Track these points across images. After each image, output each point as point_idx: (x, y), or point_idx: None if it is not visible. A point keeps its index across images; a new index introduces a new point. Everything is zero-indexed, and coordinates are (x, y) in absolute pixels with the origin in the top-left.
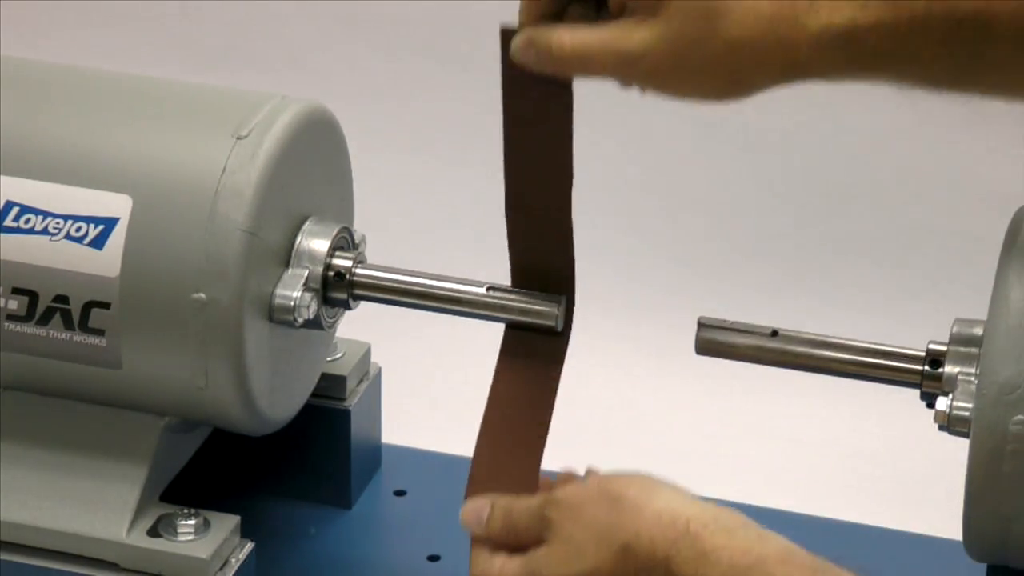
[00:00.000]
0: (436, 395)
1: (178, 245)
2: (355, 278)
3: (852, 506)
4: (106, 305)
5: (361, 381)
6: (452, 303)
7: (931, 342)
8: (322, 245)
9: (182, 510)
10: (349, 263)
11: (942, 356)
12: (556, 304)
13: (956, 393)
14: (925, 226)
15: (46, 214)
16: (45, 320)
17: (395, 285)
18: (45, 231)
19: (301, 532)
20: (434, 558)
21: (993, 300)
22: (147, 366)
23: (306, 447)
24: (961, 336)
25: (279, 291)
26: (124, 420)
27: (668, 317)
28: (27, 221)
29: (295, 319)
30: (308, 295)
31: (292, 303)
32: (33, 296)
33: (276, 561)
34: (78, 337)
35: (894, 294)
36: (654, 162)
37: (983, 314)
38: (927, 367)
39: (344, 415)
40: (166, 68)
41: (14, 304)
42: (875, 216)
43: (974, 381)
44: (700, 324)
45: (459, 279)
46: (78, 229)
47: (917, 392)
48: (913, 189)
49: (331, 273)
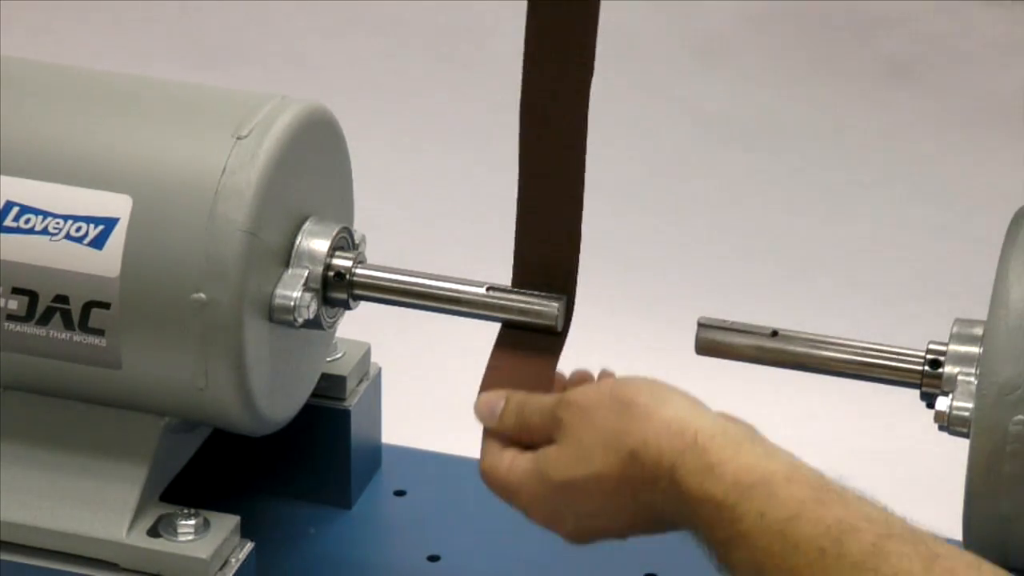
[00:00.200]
0: (436, 395)
1: (178, 245)
2: (355, 278)
3: None
4: (106, 305)
5: (361, 381)
6: (452, 303)
7: (931, 342)
8: (322, 245)
9: (182, 510)
10: (349, 263)
11: (942, 356)
12: (556, 304)
13: (956, 393)
14: (925, 226)
15: (46, 214)
16: (45, 320)
17: (395, 285)
18: (45, 231)
19: (301, 532)
20: (434, 558)
21: (993, 300)
22: (147, 366)
23: (306, 447)
24: (961, 336)
25: (279, 291)
26: (124, 420)
27: (668, 317)
28: (27, 221)
29: (295, 319)
30: (308, 295)
31: (292, 303)
32: (33, 296)
33: (276, 561)
34: (78, 337)
35: (894, 294)
36: (654, 162)
37: (983, 314)
38: (927, 367)
39: (344, 415)
40: (166, 68)
41: (14, 304)
42: (875, 216)
43: (974, 381)
44: (700, 324)
45: (459, 279)
46: (78, 229)
47: (917, 392)
48: (913, 189)
49: (331, 273)
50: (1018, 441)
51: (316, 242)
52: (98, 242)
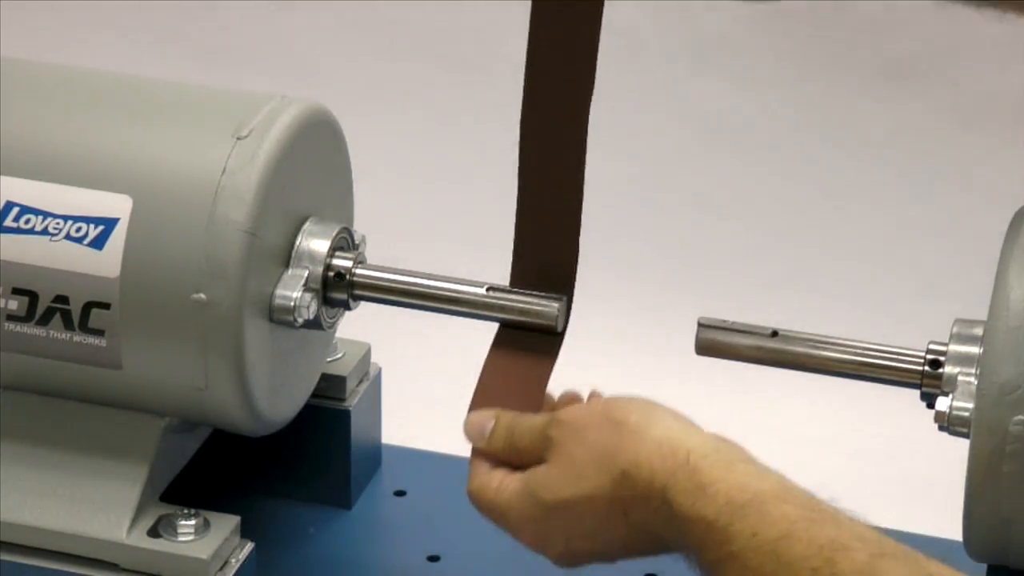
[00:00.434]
0: (436, 395)
1: (178, 245)
2: (355, 278)
3: (852, 506)
4: (106, 305)
5: (361, 381)
6: (452, 303)
7: (931, 342)
8: (322, 245)
9: (182, 510)
10: (349, 263)
11: (942, 356)
12: (556, 304)
13: (956, 393)
14: (925, 226)
15: (46, 214)
16: (45, 320)
17: (395, 285)
18: (45, 231)
19: (301, 532)
20: (434, 558)
21: (993, 300)
22: (147, 366)
23: (306, 447)
24: (961, 336)
25: (279, 291)
26: (124, 420)
27: (668, 317)
28: (27, 221)
29: (295, 319)
30: (308, 295)
31: (292, 303)
32: (33, 296)
33: (276, 561)
34: (78, 337)
35: (894, 294)
36: (654, 162)
37: (983, 314)
38: (927, 367)
39: (344, 415)
40: (166, 68)
41: (14, 304)
42: (875, 216)
43: (974, 381)
44: (700, 324)
45: (459, 279)
46: (78, 229)
47: (917, 392)
48: (913, 189)
49: (331, 273)
50: (1018, 441)
51: (316, 242)
52: (98, 242)
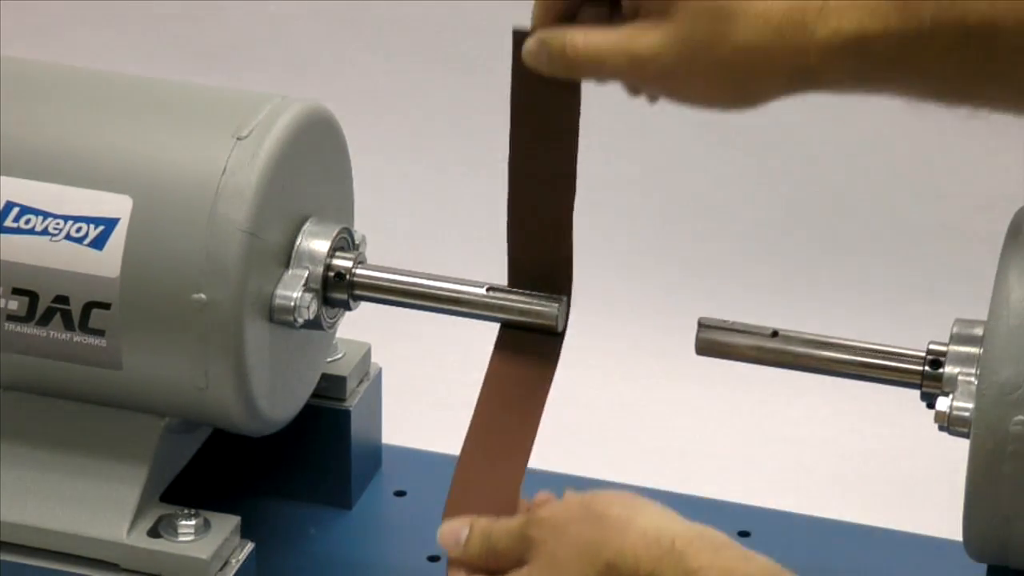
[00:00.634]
0: (436, 395)
1: (178, 246)
2: (355, 278)
3: (852, 506)
4: (106, 306)
5: (361, 381)
6: (452, 303)
7: (931, 342)
8: (322, 245)
9: (182, 510)
10: (349, 263)
11: (942, 356)
12: (556, 304)
13: (956, 393)
14: (925, 226)
15: (46, 214)
16: (45, 320)
17: (395, 285)
18: (45, 231)
19: (301, 533)
20: (434, 558)
21: (993, 300)
22: (147, 367)
23: (306, 448)
24: (961, 336)
25: (279, 292)
26: (124, 421)
27: (668, 317)
28: (27, 221)
29: (295, 320)
30: (308, 295)
31: (292, 303)
32: (33, 296)
33: (276, 562)
34: (78, 338)
35: (894, 294)
36: (654, 162)
37: (983, 314)
38: (927, 367)
39: (344, 415)
40: (166, 68)
41: (14, 304)
42: (875, 216)
43: (974, 381)
44: (700, 324)
45: (459, 279)
46: (78, 230)
47: (917, 392)
48: (913, 189)
49: (331, 273)
50: (1018, 441)
51: (316, 242)
52: (98, 242)
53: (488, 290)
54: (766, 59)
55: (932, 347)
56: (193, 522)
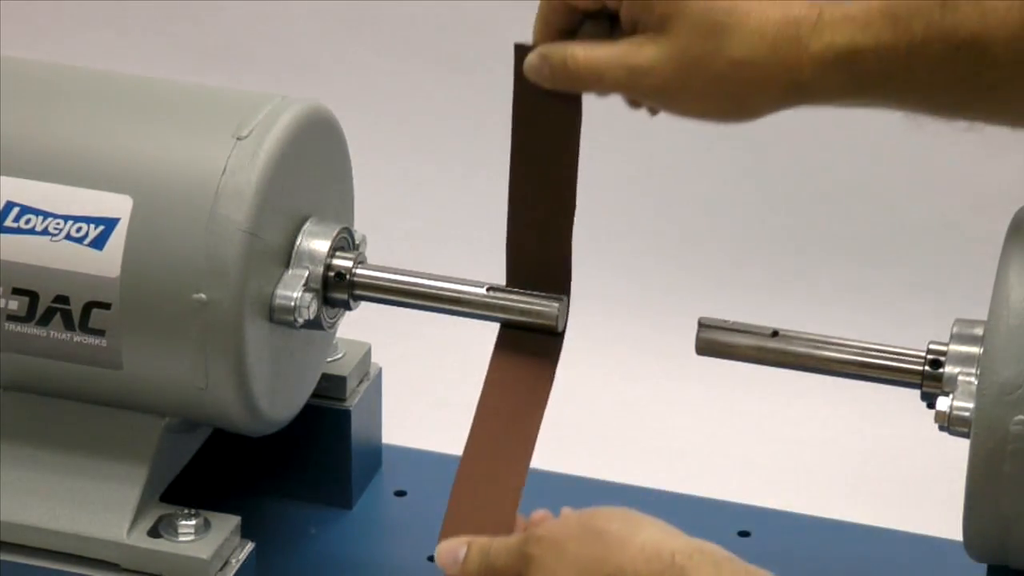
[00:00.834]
0: (436, 395)
1: (178, 245)
2: (355, 278)
3: (852, 506)
4: (106, 305)
5: (361, 381)
6: (452, 303)
7: (931, 342)
8: (322, 245)
9: (182, 510)
10: (349, 263)
11: (942, 356)
12: (557, 304)
13: (956, 393)
14: (925, 226)
15: (46, 214)
16: (45, 320)
17: (395, 285)
18: (45, 231)
19: (301, 532)
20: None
21: (993, 300)
22: (147, 366)
23: (307, 447)
24: (961, 336)
25: (279, 291)
26: (124, 420)
27: (668, 317)
28: (27, 221)
29: (295, 319)
30: (308, 295)
31: (292, 303)
32: (33, 296)
33: (276, 562)
34: (78, 337)
35: (894, 294)
36: (654, 161)
37: (983, 314)
38: (927, 367)
39: (344, 415)
40: (166, 68)
41: (14, 304)
42: (876, 216)
43: (974, 381)
44: (700, 324)
45: (459, 279)
46: (78, 229)
47: (917, 392)
48: (913, 189)
49: (331, 273)
50: (1019, 441)
51: (316, 242)
52: (98, 242)
53: (488, 290)
54: (760, 74)
55: (932, 347)
56: (193, 522)
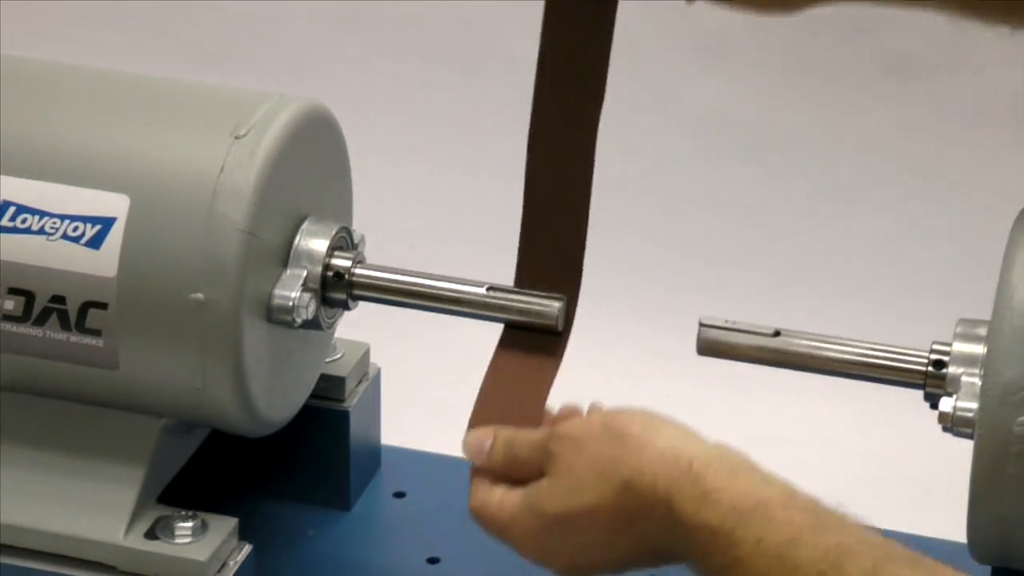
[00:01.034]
0: (436, 396)
1: (176, 245)
2: (354, 278)
3: (854, 507)
4: (103, 305)
5: (360, 382)
6: (452, 303)
7: (935, 342)
8: (321, 245)
9: (180, 512)
10: (348, 263)
11: (946, 357)
12: (557, 304)
13: (960, 394)
14: (929, 226)
15: (43, 214)
16: (42, 320)
17: (394, 285)
18: (42, 231)
19: (300, 534)
20: (434, 560)
21: (997, 300)
22: (145, 367)
23: (305, 448)
24: (965, 336)
25: (277, 291)
26: (121, 421)
27: (669, 317)
28: (24, 221)
29: (294, 319)
30: (307, 295)
31: (291, 303)
32: (29, 296)
33: (274, 563)
34: (75, 338)
35: (897, 294)
36: (655, 161)
37: (987, 314)
38: (931, 368)
39: (343, 416)
40: (164, 66)
41: (10, 304)
42: (878, 215)
43: (978, 382)
44: (701, 324)
45: (459, 279)
46: (75, 229)
47: (921, 393)
48: (917, 188)
49: (330, 273)
50: (1023, 442)
51: (315, 242)
52: (95, 242)
53: (488, 290)
54: None
55: (935, 347)
56: (190, 524)
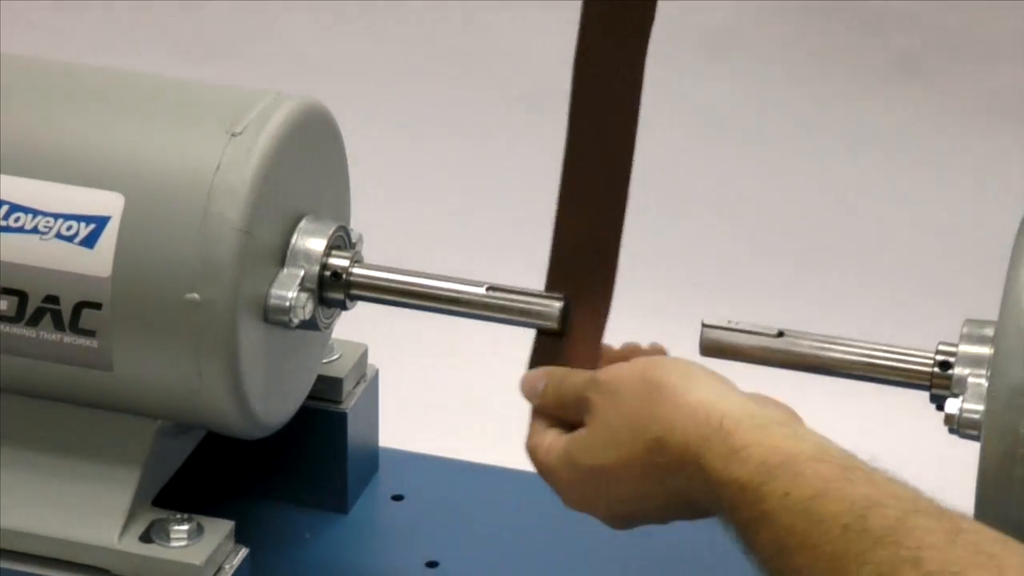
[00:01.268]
0: (435, 397)
1: (171, 244)
2: (352, 278)
3: None
4: (97, 306)
5: (358, 383)
6: (451, 303)
7: (941, 343)
8: (318, 244)
9: (175, 515)
10: (346, 262)
11: (952, 357)
12: (557, 303)
13: (966, 395)
14: (935, 224)
15: (36, 212)
16: (35, 321)
17: (393, 285)
18: (35, 230)
19: (296, 538)
20: (432, 564)
21: (1004, 300)
22: (139, 368)
23: (302, 451)
24: (971, 337)
25: (274, 291)
26: (116, 423)
27: (671, 318)
28: (17, 219)
29: (290, 320)
30: (304, 295)
31: (287, 303)
32: (23, 296)
33: (271, 567)
34: (69, 338)
35: (903, 294)
36: (657, 158)
37: (994, 314)
38: (937, 368)
39: (341, 418)
40: (159, 63)
41: (3, 305)
42: (883, 214)
43: (985, 383)
44: (704, 325)
45: (458, 279)
46: (69, 228)
47: (926, 394)
48: (922, 186)
49: (327, 273)
50: None
51: (312, 241)
52: (89, 241)
53: (488, 290)
54: None
55: (941, 348)
56: (186, 527)
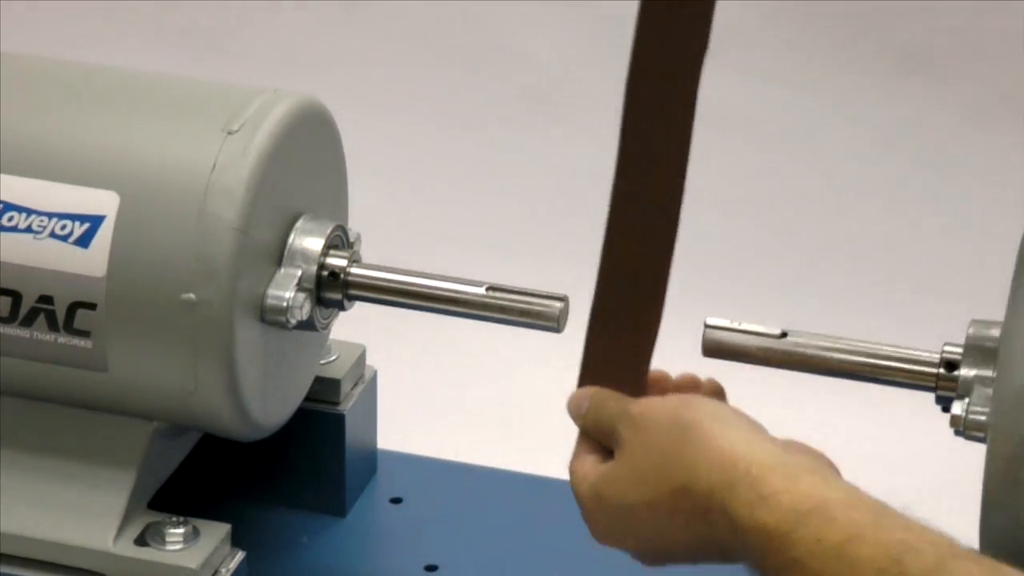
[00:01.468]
0: (433, 399)
1: (167, 244)
2: (350, 278)
3: None
4: (92, 306)
5: (356, 384)
6: (450, 303)
7: (946, 344)
8: (316, 244)
9: (171, 518)
10: (344, 262)
11: (958, 359)
12: (557, 303)
13: (972, 397)
14: (940, 224)
15: (30, 211)
16: (29, 321)
17: (391, 285)
18: (29, 229)
19: (294, 541)
20: (431, 567)
21: (1011, 301)
22: (135, 369)
23: (299, 453)
24: (977, 338)
25: (271, 291)
26: (111, 425)
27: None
28: (10, 219)
29: (288, 320)
30: (301, 295)
31: (285, 304)
32: (16, 296)
33: (268, 571)
34: (63, 339)
35: (908, 295)
36: None
37: (1000, 315)
38: (942, 370)
39: (338, 420)
40: (155, 61)
41: None
42: (888, 213)
43: (991, 385)
44: (707, 325)
45: (458, 279)
46: (63, 227)
47: (932, 396)
48: (928, 186)
49: (325, 272)
50: None
51: (309, 240)
52: (84, 240)
53: (487, 290)
54: None
55: (947, 349)
56: (182, 530)
